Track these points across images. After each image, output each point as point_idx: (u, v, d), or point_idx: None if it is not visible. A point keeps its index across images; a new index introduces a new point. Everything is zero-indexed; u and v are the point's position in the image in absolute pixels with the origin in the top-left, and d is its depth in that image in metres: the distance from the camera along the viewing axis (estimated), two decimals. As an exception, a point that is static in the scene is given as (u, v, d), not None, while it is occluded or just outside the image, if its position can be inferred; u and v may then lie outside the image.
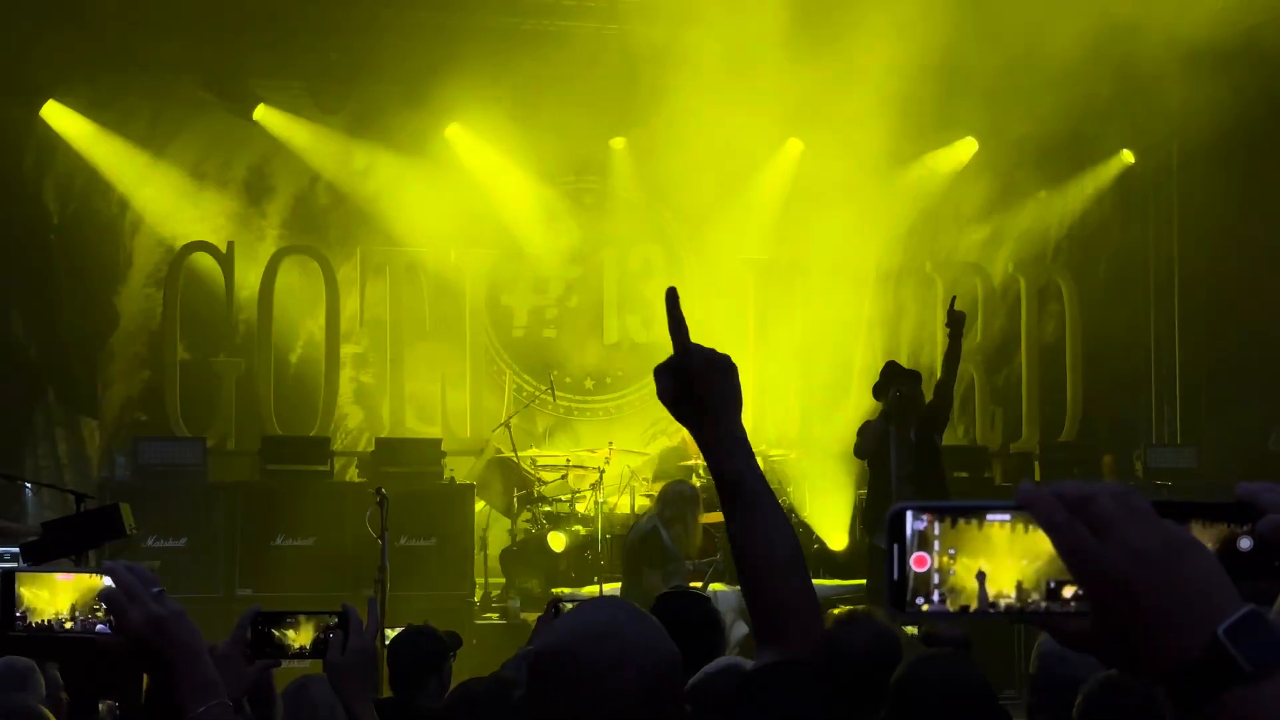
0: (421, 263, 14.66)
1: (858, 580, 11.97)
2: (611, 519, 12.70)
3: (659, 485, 12.12)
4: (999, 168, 15.30)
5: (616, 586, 11.44)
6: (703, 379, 2.36)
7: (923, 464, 10.98)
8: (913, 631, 5.98)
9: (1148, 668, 1.32)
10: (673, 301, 2.35)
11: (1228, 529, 1.43)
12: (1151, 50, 12.55)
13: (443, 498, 12.78)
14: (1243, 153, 14.29)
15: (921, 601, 1.37)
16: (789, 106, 13.72)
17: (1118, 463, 14.45)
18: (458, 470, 13.47)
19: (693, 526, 10.82)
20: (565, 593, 11.95)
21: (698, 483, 11.68)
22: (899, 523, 1.38)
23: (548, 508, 13.06)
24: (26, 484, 12.61)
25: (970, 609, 1.36)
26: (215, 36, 13.61)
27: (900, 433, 10.98)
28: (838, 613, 4.57)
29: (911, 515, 1.38)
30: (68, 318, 14.14)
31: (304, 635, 3.30)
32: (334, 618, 3.33)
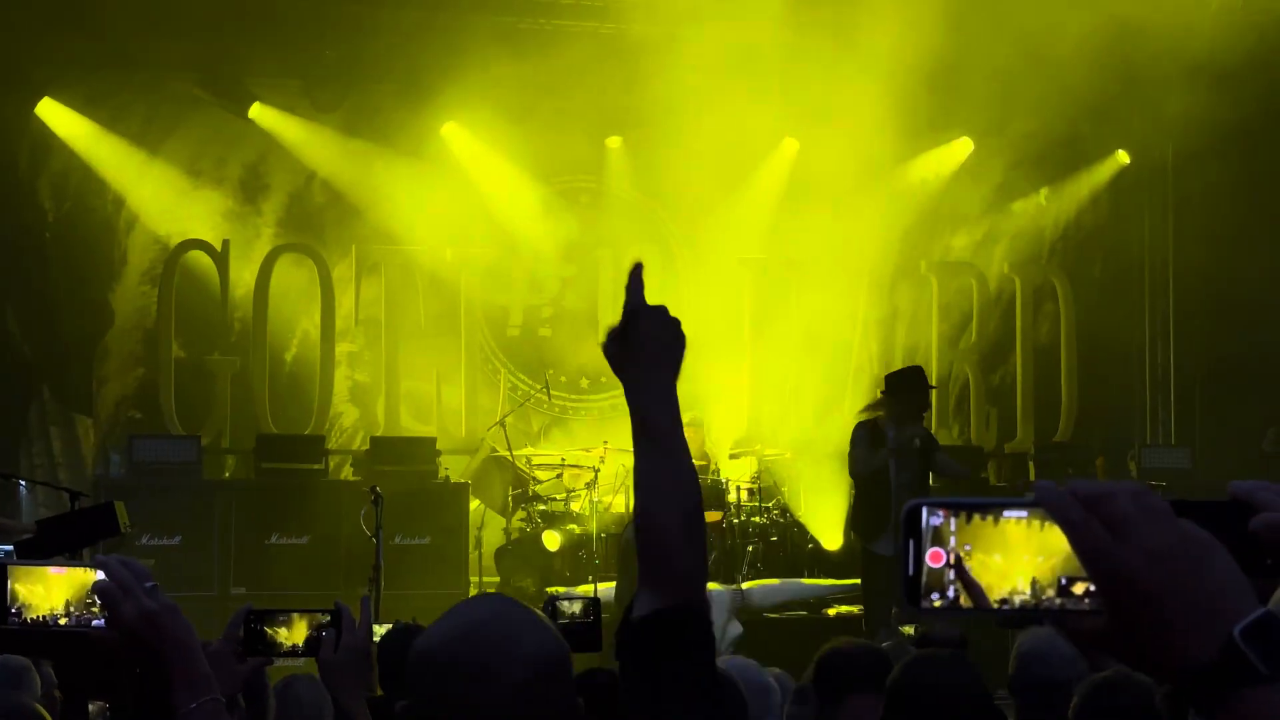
0: (417, 261, 14.65)
1: (851, 580, 11.97)
2: (606, 518, 12.69)
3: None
4: (994, 168, 15.31)
5: (611, 585, 11.44)
6: (647, 329, 2.37)
7: (919, 472, 10.95)
8: (909, 632, 5.99)
9: (1162, 667, 1.31)
10: (636, 273, 2.38)
11: None
12: (1147, 51, 12.57)
13: (437, 496, 12.78)
14: (1238, 153, 14.31)
15: (936, 597, 1.36)
16: (785, 106, 13.73)
17: (1110, 464, 14.45)
18: (453, 469, 13.47)
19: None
20: (560, 591, 11.94)
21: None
22: (915, 518, 1.37)
23: (543, 506, 13.06)
24: (21, 482, 12.60)
25: (985, 606, 1.35)
26: (211, 34, 13.60)
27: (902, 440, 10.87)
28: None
29: (927, 511, 1.37)
30: (63, 315, 14.13)
31: (297, 633, 3.30)
32: (327, 616, 3.33)
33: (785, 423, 14.72)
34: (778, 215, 14.90)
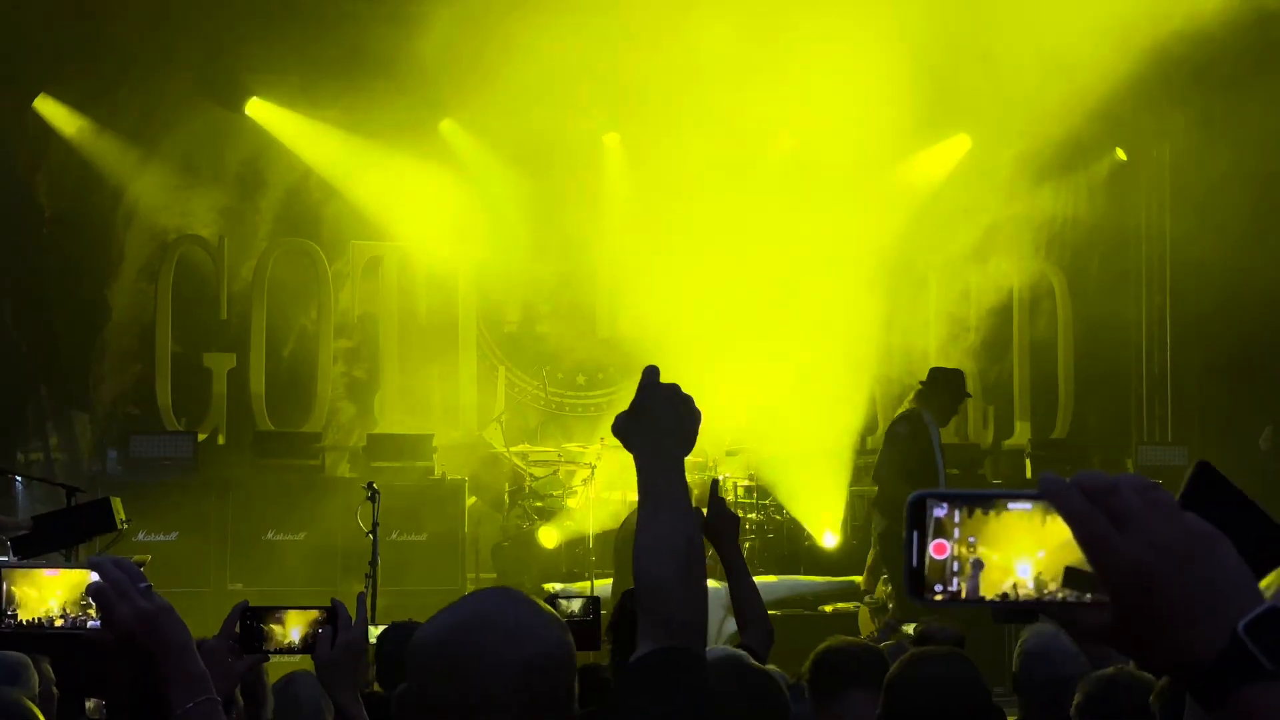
0: (414, 257, 14.64)
1: (846, 577, 11.98)
2: (602, 514, 12.69)
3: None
4: (992, 165, 15.29)
5: (608, 583, 11.44)
6: (657, 404, 2.45)
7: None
8: (909, 630, 5.99)
9: (1166, 662, 1.30)
10: (651, 371, 2.49)
11: None
12: (1145, 48, 12.56)
13: (434, 493, 12.78)
14: (1236, 151, 14.30)
15: (940, 589, 1.36)
16: (783, 103, 13.71)
17: (1106, 464, 14.44)
18: (449, 466, 13.46)
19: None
20: (558, 589, 11.95)
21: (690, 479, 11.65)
22: (919, 510, 1.37)
23: (539, 503, 13.06)
24: (17, 478, 12.59)
25: (988, 598, 1.34)
26: (208, 30, 13.58)
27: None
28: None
29: (932, 503, 1.37)
30: (59, 311, 14.12)
31: (293, 631, 3.30)
32: (323, 613, 3.32)
33: (782, 420, 14.71)
34: (775, 212, 14.88)
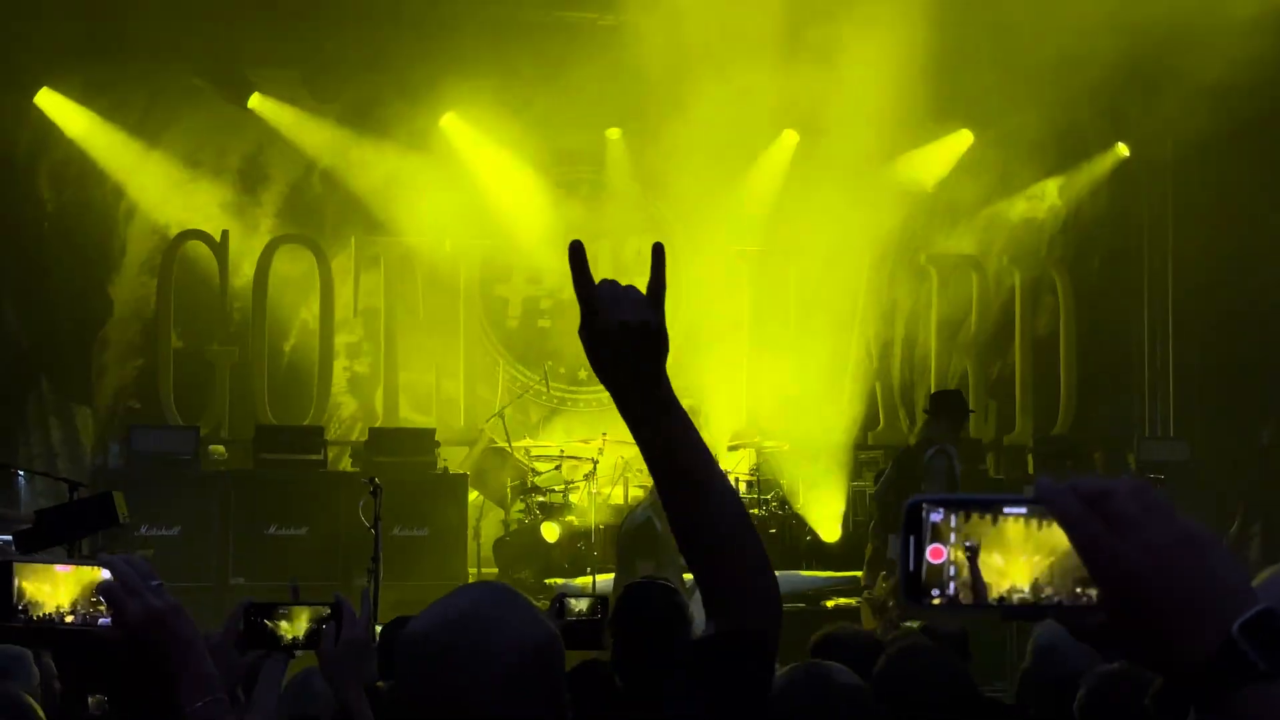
0: (416, 252, 14.64)
1: (849, 572, 11.99)
2: (605, 509, 12.71)
3: (652, 476, 12.09)
4: (994, 160, 15.29)
5: (610, 577, 11.45)
6: (618, 345, 2.37)
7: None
8: (914, 627, 6.00)
9: (1162, 663, 1.31)
10: (577, 254, 2.32)
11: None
12: (1148, 44, 12.55)
13: (436, 488, 12.78)
14: (1238, 146, 14.30)
15: (936, 594, 1.36)
16: (784, 98, 13.71)
17: (1108, 459, 14.44)
18: (451, 460, 13.48)
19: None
20: (561, 584, 11.97)
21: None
22: (916, 515, 1.37)
23: (541, 498, 13.06)
24: (20, 472, 12.60)
25: (985, 602, 1.35)
26: (210, 24, 13.57)
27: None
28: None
29: (928, 508, 1.37)
30: (62, 306, 14.13)
31: (297, 626, 3.31)
32: (326, 609, 3.33)
33: (784, 415, 14.72)
34: (777, 207, 14.89)
